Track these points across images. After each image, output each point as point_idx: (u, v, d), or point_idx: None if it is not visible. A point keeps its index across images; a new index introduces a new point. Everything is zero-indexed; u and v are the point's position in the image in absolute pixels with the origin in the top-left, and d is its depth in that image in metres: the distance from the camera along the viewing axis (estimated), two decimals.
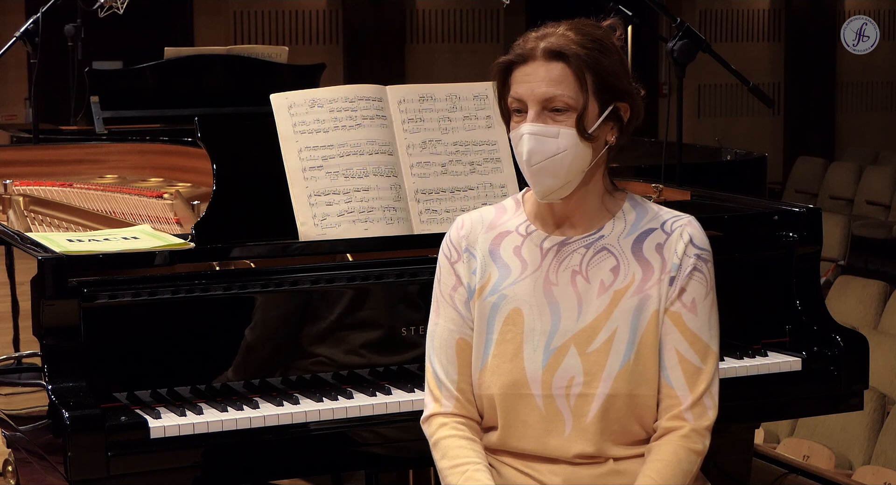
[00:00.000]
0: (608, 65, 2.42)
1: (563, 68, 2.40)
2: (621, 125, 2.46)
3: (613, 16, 4.25)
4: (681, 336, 2.44)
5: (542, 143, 2.41)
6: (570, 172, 2.42)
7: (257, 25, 12.10)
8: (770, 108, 4.41)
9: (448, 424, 2.51)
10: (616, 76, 2.43)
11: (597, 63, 2.40)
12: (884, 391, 5.56)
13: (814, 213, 3.46)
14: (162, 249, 3.01)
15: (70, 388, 2.78)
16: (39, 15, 4.87)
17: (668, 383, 2.44)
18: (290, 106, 3.21)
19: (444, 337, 2.53)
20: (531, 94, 2.41)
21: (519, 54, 2.44)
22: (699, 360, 2.44)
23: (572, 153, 2.41)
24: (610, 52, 2.43)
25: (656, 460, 2.42)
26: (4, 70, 10.38)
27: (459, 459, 2.46)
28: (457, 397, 2.51)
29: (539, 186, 2.44)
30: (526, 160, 2.43)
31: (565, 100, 2.40)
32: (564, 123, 2.41)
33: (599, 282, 2.46)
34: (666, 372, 2.44)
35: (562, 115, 2.41)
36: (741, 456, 3.65)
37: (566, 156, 2.41)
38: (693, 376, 2.44)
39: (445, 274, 2.55)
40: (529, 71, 2.42)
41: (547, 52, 2.41)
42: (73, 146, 4.94)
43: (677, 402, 2.44)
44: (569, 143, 2.41)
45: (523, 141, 2.42)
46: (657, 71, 13.12)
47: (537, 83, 2.41)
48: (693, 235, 2.47)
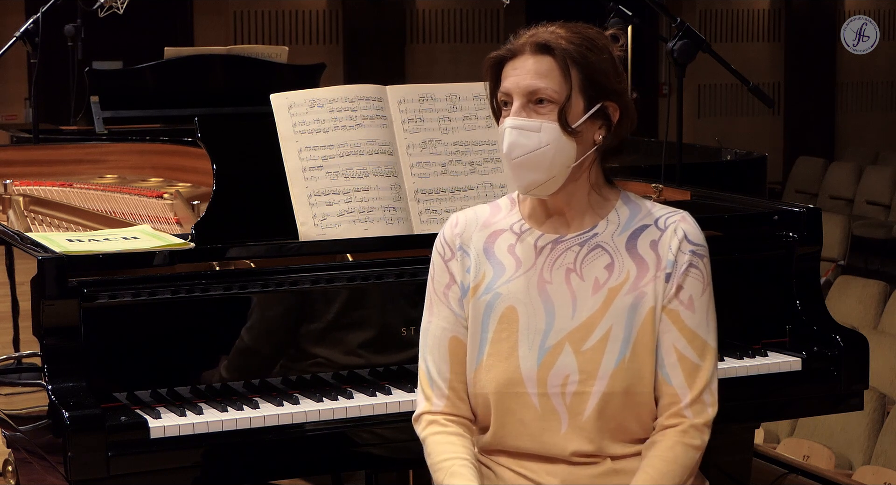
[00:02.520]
0: (595, 61, 2.42)
1: (550, 61, 2.41)
2: (610, 125, 2.46)
3: (613, 16, 4.28)
4: (679, 334, 2.44)
5: (523, 136, 2.41)
6: (553, 167, 2.42)
7: (257, 25, 12.11)
8: (770, 108, 4.41)
9: (437, 421, 2.51)
10: (604, 74, 2.43)
11: (583, 58, 2.41)
12: (884, 391, 5.57)
13: (814, 213, 3.46)
14: (162, 249, 3.01)
15: (70, 388, 2.78)
16: (39, 15, 4.87)
17: (666, 381, 2.44)
18: (290, 106, 3.21)
19: (437, 335, 2.53)
20: (516, 87, 2.42)
21: (508, 49, 2.46)
22: (698, 357, 2.45)
23: (554, 148, 2.41)
24: (599, 50, 2.44)
25: (654, 457, 2.42)
26: (4, 70, 10.38)
27: (445, 454, 2.47)
28: (448, 395, 2.52)
29: (520, 180, 2.44)
30: (506, 153, 2.43)
31: (548, 92, 2.40)
32: (547, 116, 2.41)
33: (594, 279, 2.46)
34: (665, 370, 2.44)
35: (544, 108, 2.41)
36: (741, 456, 3.65)
37: (548, 151, 2.41)
38: (692, 373, 2.44)
39: (439, 272, 2.55)
40: (517, 65, 2.43)
41: (534, 45, 2.42)
42: (73, 146, 4.94)
43: (677, 399, 2.44)
44: (551, 137, 2.41)
45: (505, 134, 2.43)
46: (657, 71, 13.12)
47: (523, 76, 2.42)
48: (687, 230, 2.47)
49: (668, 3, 8.89)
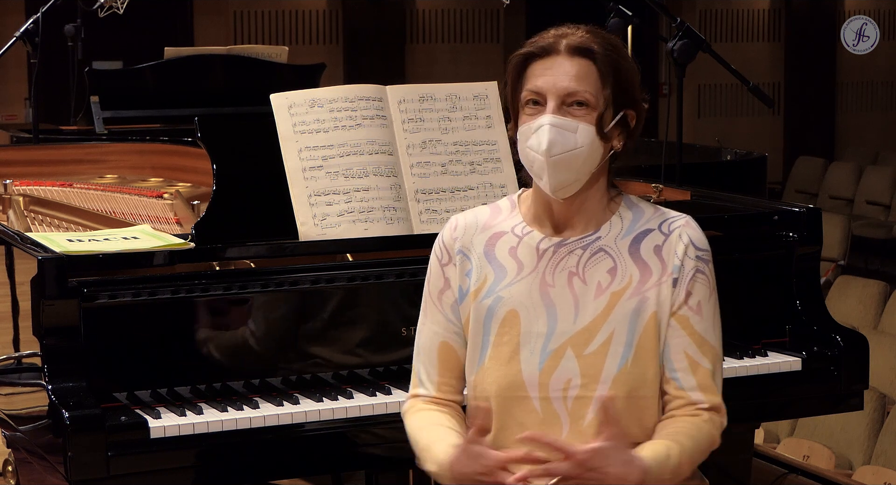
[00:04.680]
0: (626, 69, 2.44)
1: (589, 66, 2.41)
2: (628, 133, 2.47)
3: (613, 16, 4.29)
4: (689, 339, 2.44)
5: (562, 135, 2.40)
6: (582, 169, 2.42)
7: (257, 25, 12.10)
8: (770, 108, 4.41)
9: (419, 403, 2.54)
10: (631, 83, 2.45)
11: (617, 66, 2.42)
12: (884, 391, 5.56)
13: (814, 213, 3.46)
14: (162, 249, 3.01)
15: (70, 388, 2.79)
16: (39, 15, 4.87)
17: (678, 385, 2.44)
18: (290, 106, 3.21)
19: (428, 339, 2.54)
20: (553, 87, 2.40)
21: (541, 47, 2.43)
22: (707, 360, 2.45)
23: (587, 151, 2.41)
24: (627, 59, 2.46)
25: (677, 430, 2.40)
26: (4, 70, 10.37)
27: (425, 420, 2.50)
28: (434, 397, 2.54)
29: (554, 178, 2.42)
30: (546, 149, 2.40)
31: (586, 96, 2.40)
32: (583, 119, 2.41)
33: (596, 283, 2.45)
34: (675, 374, 2.44)
35: (579, 111, 2.41)
36: (741, 456, 3.66)
37: (582, 152, 2.41)
38: (703, 377, 2.45)
39: (435, 276, 2.55)
40: (550, 65, 2.42)
41: (572, 48, 2.41)
42: (73, 146, 4.94)
43: (689, 401, 2.45)
44: (586, 140, 2.41)
45: (543, 131, 2.41)
46: (657, 71, 13.11)
47: (560, 77, 2.40)
48: (692, 236, 2.47)
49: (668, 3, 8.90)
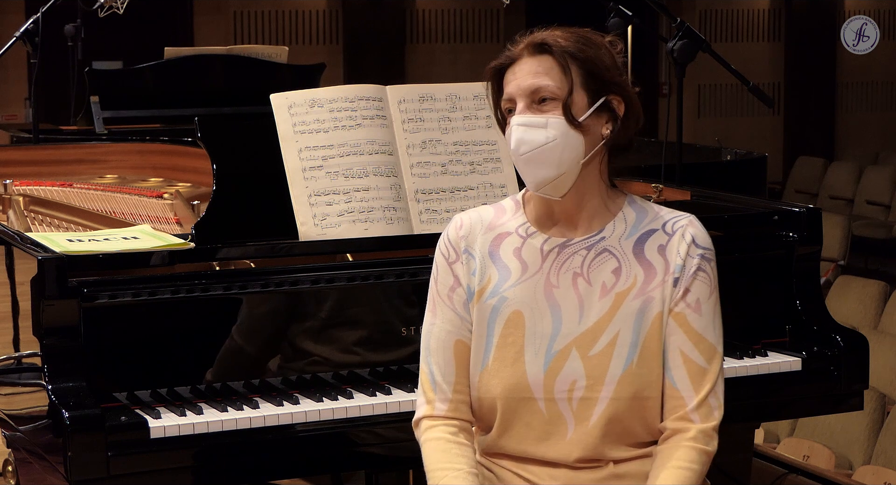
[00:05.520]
0: (594, 55, 2.43)
1: (548, 60, 2.42)
2: (616, 119, 2.46)
3: (613, 16, 4.28)
4: (685, 337, 2.43)
5: (530, 133, 2.41)
6: (563, 162, 2.41)
7: (257, 25, 12.11)
8: (770, 108, 4.41)
9: (437, 426, 2.48)
10: (604, 67, 2.43)
11: (581, 52, 2.42)
12: (884, 391, 5.56)
13: (814, 213, 3.46)
14: (162, 249, 3.01)
15: (70, 388, 2.79)
16: (39, 15, 4.86)
17: (672, 384, 2.43)
18: (290, 106, 3.21)
19: (441, 338, 2.51)
20: (518, 89, 2.42)
21: (507, 56, 2.46)
22: (704, 360, 2.43)
23: (563, 142, 2.41)
24: (596, 45, 2.45)
25: (676, 468, 2.38)
26: (4, 70, 10.38)
27: (441, 463, 2.44)
28: (451, 398, 2.49)
29: (531, 176, 2.43)
30: (514, 150, 2.42)
31: (550, 89, 2.40)
32: (552, 112, 2.41)
33: (601, 284, 2.44)
34: (670, 373, 2.43)
35: (548, 105, 2.41)
36: (741, 456, 3.65)
37: (556, 145, 2.40)
38: (698, 377, 2.43)
39: (443, 274, 2.53)
40: (517, 69, 2.44)
41: (531, 46, 2.43)
42: (73, 146, 4.94)
43: (682, 403, 2.42)
44: (558, 131, 2.40)
45: (512, 133, 2.43)
46: (657, 71, 13.12)
47: (523, 77, 2.42)
48: (695, 234, 2.47)
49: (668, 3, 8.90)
